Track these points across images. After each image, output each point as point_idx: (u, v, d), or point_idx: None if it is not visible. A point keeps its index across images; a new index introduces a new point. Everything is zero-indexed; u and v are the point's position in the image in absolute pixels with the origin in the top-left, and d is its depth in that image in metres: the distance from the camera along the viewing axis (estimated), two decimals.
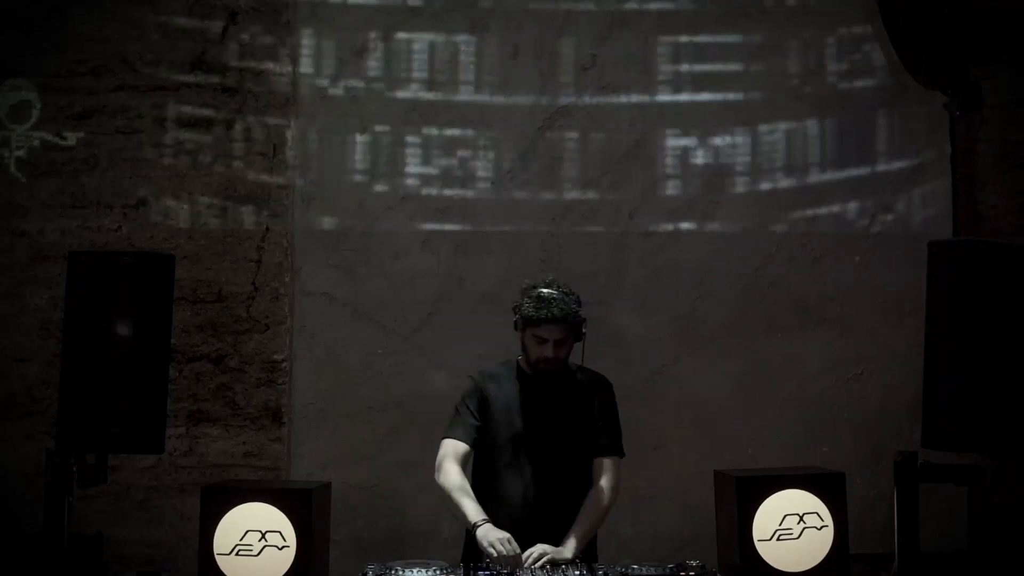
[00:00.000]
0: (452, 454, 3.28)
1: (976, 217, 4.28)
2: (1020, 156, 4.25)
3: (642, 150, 4.42)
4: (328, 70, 4.36)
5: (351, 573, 3.04)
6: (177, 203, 4.25)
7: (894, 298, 4.33)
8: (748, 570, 2.81)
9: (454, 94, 4.39)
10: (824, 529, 2.85)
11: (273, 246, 4.27)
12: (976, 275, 2.56)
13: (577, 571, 2.93)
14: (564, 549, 3.11)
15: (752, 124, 4.44)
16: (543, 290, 3.25)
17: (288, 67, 4.31)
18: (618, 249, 4.38)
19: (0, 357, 4.17)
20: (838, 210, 4.43)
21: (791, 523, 2.83)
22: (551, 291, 3.25)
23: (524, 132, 4.38)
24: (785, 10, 4.46)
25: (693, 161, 4.44)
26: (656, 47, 4.43)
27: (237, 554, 2.73)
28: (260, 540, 2.73)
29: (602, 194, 4.39)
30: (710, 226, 4.41)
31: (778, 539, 2.82)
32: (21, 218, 4.21)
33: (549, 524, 3.18)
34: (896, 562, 2.66)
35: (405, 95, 4.37)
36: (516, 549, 3.02)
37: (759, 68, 4.45)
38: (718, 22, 4.45)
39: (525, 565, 3.00)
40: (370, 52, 4.37)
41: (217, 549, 2.74)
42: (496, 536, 3.04)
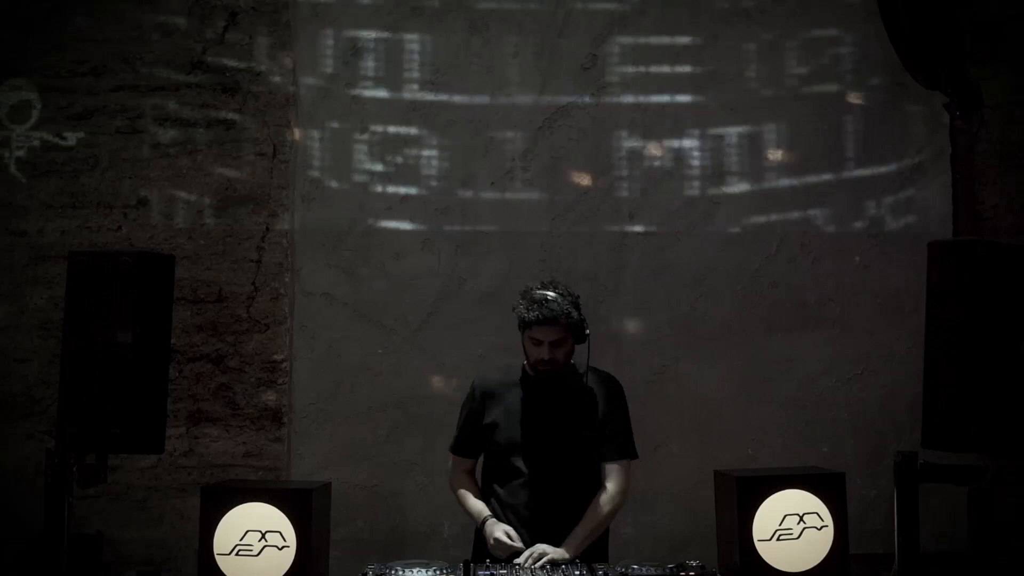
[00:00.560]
0: (458, 467, 3.41)
1: (976, 217, 4.28)
2: (1020, 156, 4.25)
3: (642, 150, 4.42)
4: (328, 70, 4.36)
5: (351, 573, 3.05)
6: (177, 203, 4.24)
7: (894, 298, 4.33)
8: (748, 570, 2.81)
9: (454, 94, 4.39)
10: (824, 529, 2.85)
11: (273, 246, 4.26)
12: (976, 275, 2.56)
13: (577, 571, 2.93)
14: (563, 549, 3.10)
15: (752, 124, 4.44)
16: (538, 292, 3.22)
17: (288, 67, 4.31)
18: (618, 249, 4.38)
19: (0, 357, 4.17)
20: (838, 210, 4.43)
21: (791, 523, 2.83)
22: (546, 292, 3.20)
23: (524, 132, 4.38)
24: (785, 10, 4.46)
25: (693, 161, 4.44)
26: (655, 46, 4.43)
27: (237, 554, 2.73)
28: (260, 540, 2.73)
29: (602, 194, 4.39)
30: (710, 226, 4.41)
31: (778, 539, 2.82)
32: (21, 218, 4.22)
33: (555, 527, 3.18)
34: (896, 562, 2.66)
35: (405, 95, 4.38)
36: (517, 541, 3.08)
37: (759, 68, 4.45)
38: (719, 22, 4.44)
39: (525, 565, 3.00)
40: (370, 52, 4.37)
41: (217, 549, 2.74)
42: (501, 529, 3.12)
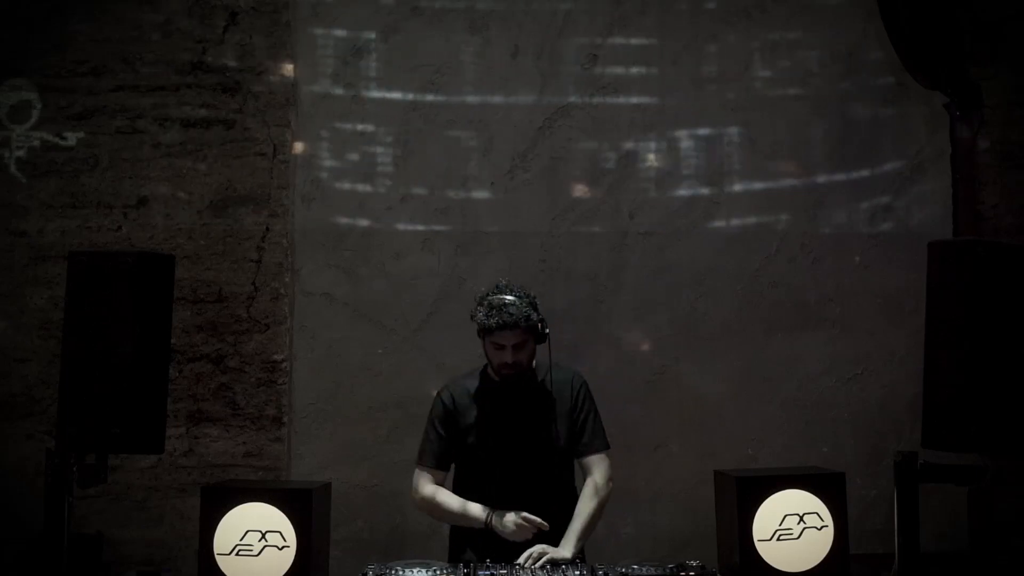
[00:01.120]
0: (427, 482, 3.31)
1: (976, 217, 4.27)
2: (1020, 156, 4.25)
3: (642, 150, 4.42)
4: (328, 70, 4.36)
5: (351, 573, 3.04)
6: (177, 203, 4.24)
7: (894, 298, 4.33)
8: (748, 570, 2.81)
9: (454, 94, 4.39)
10: (824, 529, 2.85)
11: (273, 246, 4.26)
12: (976, 275, 2.56)
13: (577, 571, 2.93)
14: (563, 549, 3.11)
15: (752, 124, 4.44)
16: (495, 296, 3.21)
17: (288, 67, 4.31)
18: (618, 249, 4.38)
19: (0, 357, 4.17)
20: (838, 210, 4.43)
21: (791, 523, 2.84)
22: (503, 296, 3.19)
23: (524, 132, 4.38)
24: (786, 9, 4.46)
25: (693, 161, 4.44)
26: (656, 46, 4.43)
27: (237, 554, 2.73)
28: (260, 540, 2.74)
29: (602, 194, 4.39)
30: (710, 226, 4.41)
31: (778, 539, 2.83)
32: (21, 218, 4.21)
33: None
34: (896, 562, 2.67)
35: (405, 95, 4.38)
36: (534, 519, 3.10)
37: (759, 67, 4.45)
38: (719, 22, 4.45)
39: (525, 565, 3.00)
40: (370, 52, 4.37)
41: (217, 549, 2.74)
42: (517, 512, 3.13)
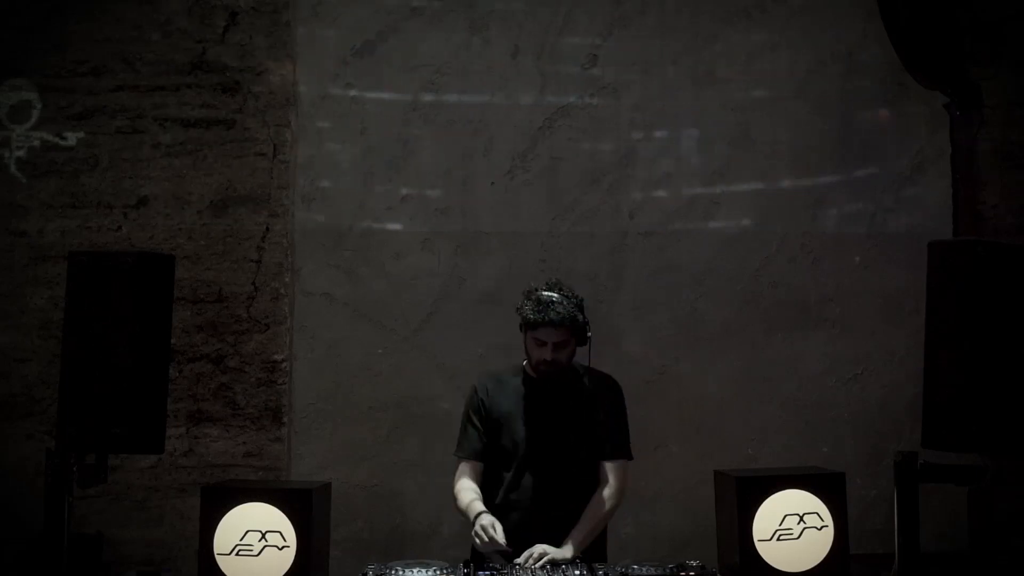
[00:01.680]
0: (466, 474, 3.29)
1: (976, 217, 4.28)
2: (1020, 156, 4.25)
3: (642, 150, 4.42)
4: (328, 70, 4.36)
5: (351, 573, 3.04)
6: (177, 203, 4.24)
7: (894, 298, 4.34)
8: (748, 570, 2.81)
9: (454, 94, 4.39)
10: (824, 529, 2.85)
11: (273, 246, 4.26)
12: (976, 275, 2.56)
13: (577, 571, 2.93)
14: (564, 549, 3.11)
15: (752, 124, 4.44)
16: (543, 292, 3.22)
17: (288, 67, 4.31)
18: (618, 249, 4.38)
19: (0, 357, 4.17)
20: (838, 210, 4.43)
21: (791, 523, 2.83)
22: (551, 294, 3.21)
23: (524, 132, 4.38)
24: (786, 9, 4.45)
25: (693, 161, 4.44)
26: (656, 46, 4.43)
27: (237, 554, 2.73)
28: (260, 540, 2.73)
29: (602, 194, 4.39)
30: (710, 226, 4.41)
31: (778, 539, 2.82)
32: (21, 218, 4.21)
33: (555, 527, 3.17)
34: (896, 562, 2.67)
35: (405, 95, 4.37)
36: (500, 536, 2.98)
37: (759, 67, 4.45)
38: (717, 21, 4.44)
39: (525, 565, 2.99)
40: (370, 52, 4.37)
41: (217, 549, 2.74)
42: (488, 520, 3.03)
